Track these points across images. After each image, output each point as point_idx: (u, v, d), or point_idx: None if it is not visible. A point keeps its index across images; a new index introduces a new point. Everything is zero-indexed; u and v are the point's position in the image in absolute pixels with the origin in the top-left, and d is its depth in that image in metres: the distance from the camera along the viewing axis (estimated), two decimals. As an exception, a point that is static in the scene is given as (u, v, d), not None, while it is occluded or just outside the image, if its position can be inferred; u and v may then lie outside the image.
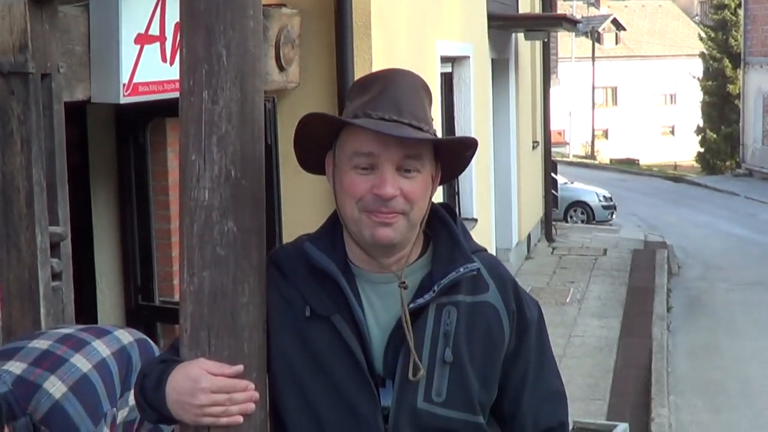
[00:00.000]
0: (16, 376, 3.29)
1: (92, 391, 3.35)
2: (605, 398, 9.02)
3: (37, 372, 3.31)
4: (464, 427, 2.28)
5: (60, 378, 3.31)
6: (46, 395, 3.25)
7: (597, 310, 12.34)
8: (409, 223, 2.25)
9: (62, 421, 3.24)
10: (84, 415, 3.27)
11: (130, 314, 6.33)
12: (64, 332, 3.60)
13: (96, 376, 3.40)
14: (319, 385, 2.27)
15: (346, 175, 2.25)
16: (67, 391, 3.29)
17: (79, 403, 3.28)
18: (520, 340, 2.36)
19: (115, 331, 3.71)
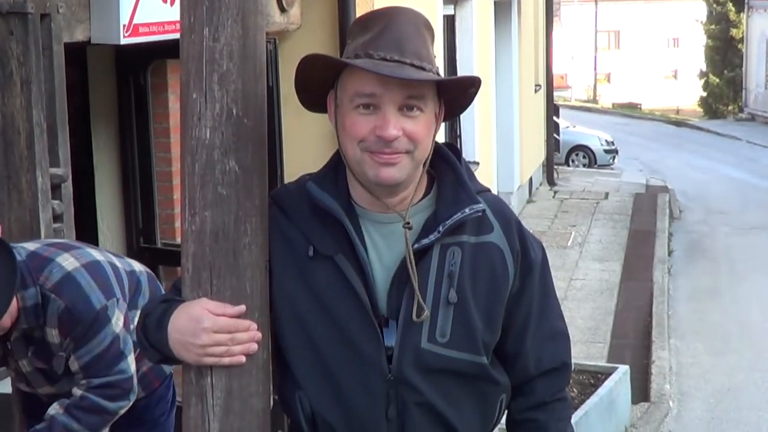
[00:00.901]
0: (29, 251, 3.33)
1: (104, 273, 3.38)
2: (606, 341, 9.05)
3: (51, 250, 3.36)
4: (468, 367, 2.28)
5: (73, 255, 3.35)
6: (58, 267, 3.29)
7: (598, 254, 12.35)
8: (413, 162, 2.23)
9: (73, 290, 3.26)
10: (95, 287, 3.29)
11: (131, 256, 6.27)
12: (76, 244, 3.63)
13: (108, 267, 3.43)
14: (323, 325, 2.26)
15: (348, 116, 2.22)
16: (79, 266, 3.32)
17: (91, 278, 3.31)
18: (523, 280, 2.35)
19: (126, 258, 3.74)
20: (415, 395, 2.25)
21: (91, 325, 3.29)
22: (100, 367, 3.34)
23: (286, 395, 2.36)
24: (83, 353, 3.32)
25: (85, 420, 3.38)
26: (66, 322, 3.28)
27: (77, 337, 3.30)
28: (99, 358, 3.33)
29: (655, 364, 8.29)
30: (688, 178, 20.71)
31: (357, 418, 2.26)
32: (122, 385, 3.38)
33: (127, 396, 3.40)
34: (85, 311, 3.28)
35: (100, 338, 3.31)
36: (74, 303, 3.27)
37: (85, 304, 3.28)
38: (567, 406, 2.46)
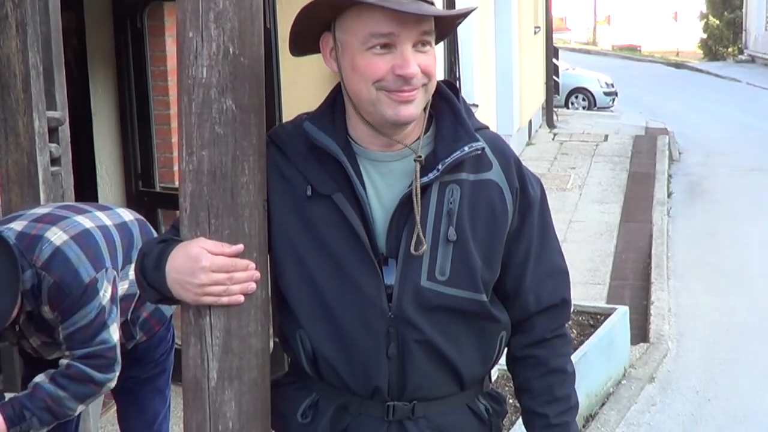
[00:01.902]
0: (18, 232, 3.30)
1: (94, 242, 3.35)
2: (605, 282, 9.08)
3: (38, 226, 3.33)
4: (467, 305, 2.28)
5: (61, 228, 3.32)
6: (48, 243, 3.26)
7: (598, 196, 12.36)
8: (426, 95, 2.23)
9: (62, 265, 3.24)
10: (84, 260, 3.27)
11: (130, 200, 6.32)
12: (65, 203, 3.60)
13: (98, 234, 3.39)
14: (322, 265, 2.26)
15: (360, 57, 2.18)
16: (68, 239, 3.29)
17: (80, 249, 3.28)
18: (523, 217, 2.34)
19: (115, 208, 3.72)
20: (415, 333, 2.26)
21: (79, 298, 3.26)
22: (84, 338, 3.32)
23: (287, 334, 2.36)
24: (68, 325, 3.30)
25: (72, 389, 3.35)
26: (55, 297, 3.26)
27: (64, 310, 3.28)
28: (82, 330, 3.30)
29: (654, 305, 8.32)
30: (688, 120, 20.66)
31: (357, 356, 2.27)
32: (105, 355, 3.35)
33: (112, 367, 3.37)
34: (74, 285, 3.25)
35: (86, 311, 3.28)
36: (63, 278, 3.24)
37: (74, 278, 3.26)
38: (567, 343, 2.46)
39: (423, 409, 2.33)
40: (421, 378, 2.29)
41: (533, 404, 2.44)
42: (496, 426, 2.47)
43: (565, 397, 2.43)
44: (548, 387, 2.42)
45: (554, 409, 2.42)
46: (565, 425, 2.43)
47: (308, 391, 2.38)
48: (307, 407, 2.37)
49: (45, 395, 3.34)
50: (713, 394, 6.60)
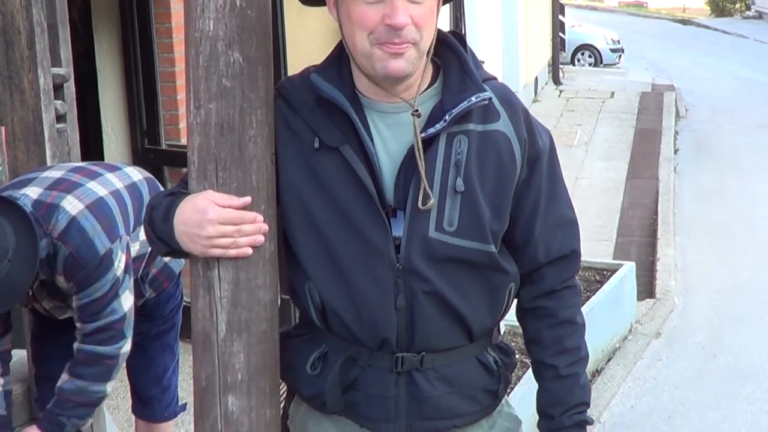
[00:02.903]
0: (33, 200, 3.30)
1: (108, 212, 3.36)
2: (612, 239, 9.08)
3: (53, 194, 3.32)
4: (476, 256, 2.27)
5: (77, 197, 3.32)
6: (64, 212, 3.26)
7: (604, 153, 12.33)
8: (419, 52, 2.20)
9: (78, 236, 3.25)
10: (99, 231, 3.28)
11: (136, 158, 6.31)
12: (76, 164, 3.60)
13: (112, 201, 3.40)
14: (330, 217, 2.26)
15: (354, 7, 2.18)
16: (83, 208, 3.29)
17: (95, 220, 3.29)
18: (531, 168, 2.33)
19: (124, 168, 3.72)
20: (424, 284, 2.26)
21: (95, 270, 3.28)
22: (95, 310, 3.34)
23: (296, 286, 2.36)
24: (83, 296, 3.32)
25: (90, 373, 3.39)
26: (70, 268, 3.28)
27: (80, 281, 3.29)
28: (96, 302, 3.33)
29: (660, 261, 8.33)
30: (695, 76, 20.56)
31: (366, 307, 2.27)
32: (115, 326, 3.37)
33: (123, 335, 3.40)
34: (90, 257, 3.27)
35: (101, 283, 3.30)
36: (78, 249, 3.25)
37: (90, 250, 3.27)
38: (576, 294, 2.46)
39: (431, 361, 2.33)
40: (430, 329, 2.30)
41: (543, 355, 2.44)
42: (505, 378, 2.47)
43: (574, 348, 2.43)
44: (558, 338, 2.42)
45: (564, 360, 2.42)
46: (575, 376, 2.43)
47: (317, 343, 2.38)
48: (316, 359, 2.38)
49: (69, 395, 3.40)
50: (719, 350, 6.62)
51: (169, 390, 4.09)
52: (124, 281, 3.37)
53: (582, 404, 2.45)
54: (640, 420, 5.48)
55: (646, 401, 5.74)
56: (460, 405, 2.38)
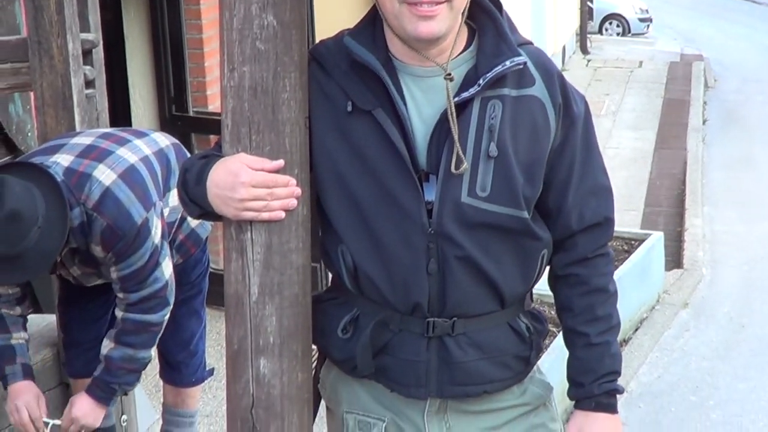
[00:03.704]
0: (65, 167, 3.30)
1: (140, 179, 3.36)
2: (639, 209, 9.05)
3: (85, 162, 3.32)
4: (508, 221, 2.26)
5: (108, 166, 3.32)
6: (97, 183, 3.27)
7: (632, 122, 12.26)
8: (452, 12, 2.18)
9: (114, 207, 3.26)
10: (134, 200, 3.29)
11: (164, 125, 6.32)
12: (104, 130, 3.61)
13: (143, 168, 3.41)
14: (363, 180, 2.25)
15: None
16: (116, 178, 3.30)
17: (129, 189, 3.30)
18: (566, 134, 2.31)
19: (151, 134, 3.72)
20: (456, 249, 2.24)
21: (133, 240, 3.29)
22: (139, 279, 3.37)
23: (329, 250, 2.36)
24: (124, 267, 3.35)
25: (136, 341, 3.44)
26: (108, 239, 3.29)
27: (119, 252, 3.31)
28: (138, 272, 3.36)
29: (688, 231, 8.29)
30: (724, 46, 20.37)
31: (398, 271, 2.26)
32: (158, 294, 3.41)
33: (166, 302, 3.44)
34: (127, 227, 3.28)
35: (141, 253, 3.32)
36: (116, 220, 3.26)
37: (127, 220, 3.28)
38: (609, 262, 2.44)
39: (463, 326, 2.32)
40: (462, 294, 2.29)
41: (574, 323, 2.43)
42: (536, 345, 2.46)
43: (606, 317, 2.42)
44: (589, 306, 2.40)
45: (595, 329, 2.40)
46: (606, 344, 2.42)
47: (349, 307, 2.38)
48: (348, 323, 2.37)
49: (118, 363, 3.45)
50: (747, 321, 6.59)
51: (196, 355, 4.11)
52: (162, 248, 3.39)
53: (612, 373, 2.43)
54: (668, 390, 5.47)
55: (673, 371, 5.72)
56: (491, 371, 2.37)
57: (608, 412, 2.43)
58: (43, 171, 3.23)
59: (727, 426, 5.10)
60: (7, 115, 4.76)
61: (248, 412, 2.33)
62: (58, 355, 4.13)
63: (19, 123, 4.79)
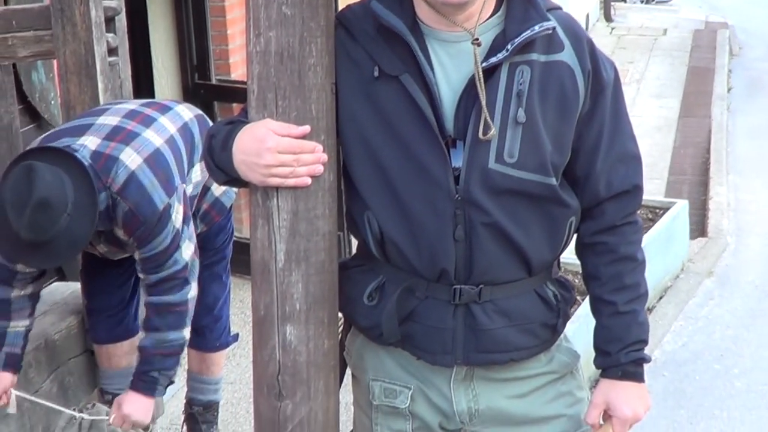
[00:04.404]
0: (92, 150, 3.31)
1: (165, 164, 3.38)
2: (663, 177, 8.99)
3: (112, 145, 3.33)
4: (536, 188, 2.24)
5: (135, 150, 3.33)
6: (123, 167, 3.28)
7: (656, 90, 12.17)
8: None
9: (137, 192, 3.28)
10: (157, 185, 3.30)
11: (186, 93, 6.31)
12: (130, 108, 3.60)
13: (167, 151, 3.42)
14: (389, 146, 2.23)
15: None
16: (142, 162, 3.31)
17: (153, 175, 3.31)
18: (595, 101, 2.28)
19: (175, 107, 3.71)
20: (483, 216, 2.23)
21: (154, 226, 3.32)
22: (158, 262, 3.40)
23: (355, 216, 2.35)
24: (146, 251, 3.38)
25: (163, 323, 3.46)
26: (130, 224, 3.31)
27: (140, 237, 3.34)
28: (158, 255, 3.38)
29: (712, 200, 8.23)
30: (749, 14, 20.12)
31: (425, 238, 2.25)
32: (177, 276, 3.43)
33: (186, 282, 3.46)
34: (149, 213, 3.30)
35: (162, 237, 3.35)
36: (138, 205, 3.28)
37: (149, 206, 3.29)
38: (638, 230, 2.42)
39: (490, 293, 2.31)
40: (488, 261, 2.27)
41: (601, 291, 2.41)
42: (563, 312, 2.44)
43: (634, 285, 2.40)
44: (617, 274, 2.39)
45: (623, 297, 2.39)
46: (633, 313, 2.40)
47: (375, 274, 2.37)
48: (374, 290, 2.37)
49: (152, 351, 3.48)
50: (772, 289, 6.55)
51: (220, 320, 4.13)
52: (183, 232, 3.40)
53: (640, 342, 2.42)
54: (692, 358, 5.45)
55: (698, 340, 5.70)
56: (518, 338, 2.36)
57: (635, 380, 2.41)
58: (71, 156, 3.23)
59: (752, 394, 5.08)
60: (30, 83, 4.76)
61: (274, 378, 2.33)
62: (83, 323, 4.15)
63: (42, 91, 4.79)
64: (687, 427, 4.71)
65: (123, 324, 3.89)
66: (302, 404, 2.35)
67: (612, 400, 2.40)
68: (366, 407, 2.52)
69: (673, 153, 9.72)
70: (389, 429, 2.49)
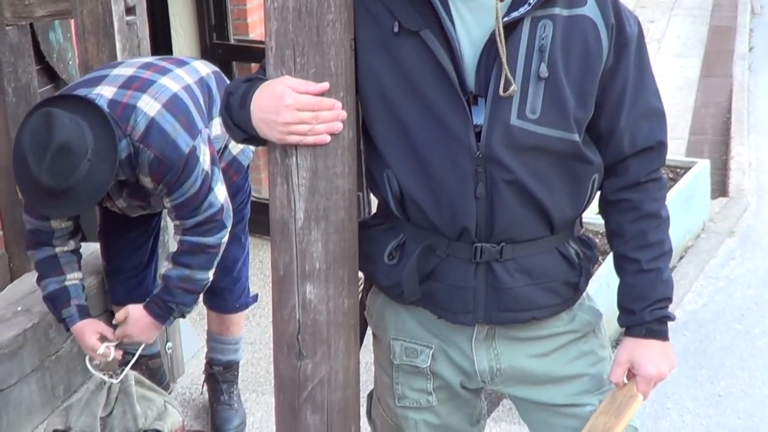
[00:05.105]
0: (108, 99, 3.29)
1: (184, 107, 3.35)
2: (684, 137, 8.91)
3: (128, 93, 3.31)
4: (559, 144, 2.21)
5: (152, 96, 3.31)
6: (142, 114, 3.26)
7: (677, 50, 12.05)
8: None
9: (160, 138, 3.26)
10: (180, 129, 3.28)
11: (205, 53, 6.27)
12: (145, 60, 3.58)
13: (186, 96, 3.39)
14: (409, 103, 2.20)
15: None
16: (160, 107, 3.29)
17: (174, 119, 3.29)
18: (618, 55, 2.24)
19: (192, 62, 3.69)
20: (504, 173, 2.20)
21: (182, 170, 3.30)
22: (193, 206, 3.39)
23: (374, 174, 2.33)
24: (177, 196, 3.36)
25: (195, 261, 3.45)
26: (157, 170, 3.30)
27: (169, 183, 3.32)
28: (191, 199, 3.37)
29: (734, 159, 8.15)
30: (771, -29, 19.96)
31: (445, 196, 2.23)
32: (214, 218, 3.42)
33: (223, 225, 3.46)
34: (175, 157, 3.28)
35: (191, 181, 3.33)
36: (163, 151, 3.27)
37: (174, 151, 3.28)
38: (662, 187, 2.38)
39: (511, 251, 2.29)
40: (510, 219, 2.25)
41: (625, 249, 2.38)
42: (586, 271, 2.42)
43: (658, 243, 2.37)
44: (641, 232, 2.36)
45: (647, 255, 2.36)
46: (658, 271, 2.38)
47: (395, 233, 2.35)
48: (394, 248, 2.35)
49: (177, 282, 3.47)
50: (794, 249, 6.50)
51: (240, 281, 4.12)
52: (213, 174, 3.39)
53: (664, 299, 2.40)
54: (713, 318, 5.42)
55: (718, 299, 5.66)
56: (539, 297, 2.34)
57: (659, 339, 2.39)
58: (90, 102, 3.22)
59: (773, 354, 5.06)
60: (48, 43, 4.73)
61: (294, 337, 2.32)
62: (103, 284, 4.15)
63: (60, 51, 4.77)
64: (708, 387, 4.69)
65: (142, 286, 3.89)
66: (322, 363, 2.34)
67: (636, 359, 2.38)
68: (387, 367, 2.51)
69: (694, 113, 9.63)
70: (410, 388, 2.49)
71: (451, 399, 2.50)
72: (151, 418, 3.49)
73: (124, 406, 3.47)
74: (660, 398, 4.48)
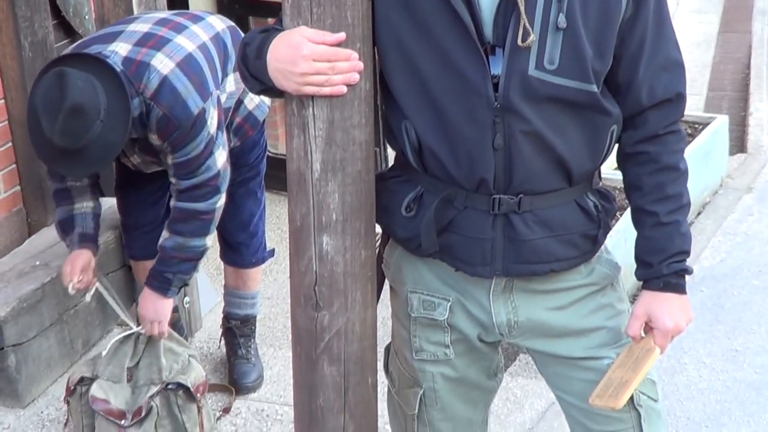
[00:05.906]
0: (123, 56, 3.29)
1: (198, 68, 3.35)
2: (702, 93, 8.85)
3: (143, 51, 3.30)
4: (577, 95, 2.19)
5: (167, 55, 3.31)
6: (155, 72, 3.26)
7: (696, 5, 11.94)
8: None
9: (171, 96, 3.26)
10: (192, 90, 3.28)
11: (221, 8, 6.25)
12: (160, 16, 3.57)
13: (200, 56, 3.39)
14: (427, 54, 2.18)
15: None
16: (174, 66, 3.28)
17: (187, 79, 3.29)
18: (637, 6, 2.20)
19: (207, 17, 3.68)
20: (522, 124, 2.18)
21: (189, 130, 3.31)
22: (191, 168, 3.39)
23: (392, 126, 2.31)
24: (179, 156, 3.37)
25: (185, 229, 3.47)
26: (164, 128, 3.30)
27: (175, 141, 3.33)
28: (192, 160, 3.38)
29: (752, 116, 8.10)
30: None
31: (463, 147, 2.21)
32: (208, 183, 3.43)
33: (217, 191, 3.46)
34: (184, 117, 3.28)
35: (196, 142, 3.34)
36: (172, 110, 3.27)
37: (184, 110, 3.28)
38: (681, 139, 2.36)
39: (529, 203, 2.28)
40: (528, 170, 2.23)
41: (643, 202, 2.37)
42: (604, 223, 2.40)
43: (676, 195, 2.35)
44: (659, 184, 2.34)
45: (665, 207, 2.34)
46: (676, 224, 2.36)
47: (413, 185, 2.34)
48: (412, 200, 2.34)
49: (171, 252, 3.49)
50: (812, 205, 6.46)
51: (256, 236, 4.13)
52: (217, 138, 3.39)
53: (682, 252, 2.38)
54: (731, 274, 5.40)
55: (736, 255, 5.64)
56: (558, 249, 2.33)
57: (677, 292, 2.38)
58: (103, 62, 3.21)
59: (790, 310, 5.05)
60: (64, -3, 4.72)
61: (311, 289, 2.32)
62: (120, 238, 4.16)
63: (76, 6, 4.75)
64: (725, 342, 4.68)
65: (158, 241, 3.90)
66: (339, 315, 2.34)
67: (654, 312, 2.37)
68: (404, 319, 2.51)
69: (713, 69, 9.56)
70: (427, 341, 2.49)
71: (469, 352, 2.50)
72: (176, 371, 3.52)
73: (150, 358, 3.50)
74: (677, 353, 4.48)
